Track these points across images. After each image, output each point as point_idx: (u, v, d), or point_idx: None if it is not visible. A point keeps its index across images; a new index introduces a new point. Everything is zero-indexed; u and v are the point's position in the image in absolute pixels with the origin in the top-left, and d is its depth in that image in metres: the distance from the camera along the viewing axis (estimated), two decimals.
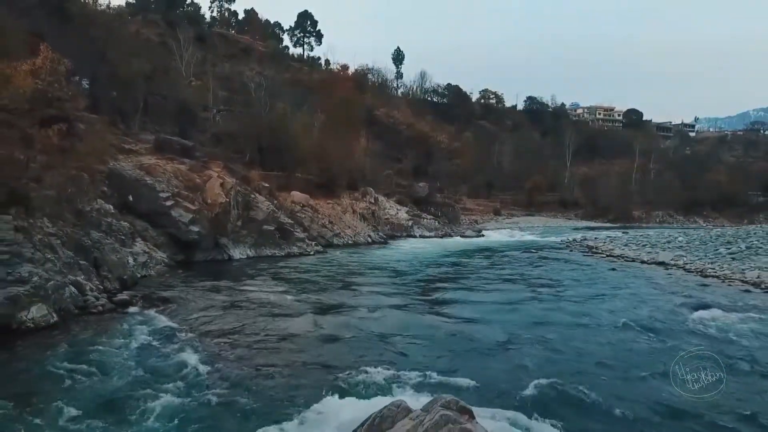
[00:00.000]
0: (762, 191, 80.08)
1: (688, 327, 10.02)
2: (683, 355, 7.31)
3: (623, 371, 7.47)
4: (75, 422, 5.63)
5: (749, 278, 16.19)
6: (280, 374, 7.34)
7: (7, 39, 14.06)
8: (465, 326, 10.45)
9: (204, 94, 45.82)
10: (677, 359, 7.24)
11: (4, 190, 10.60)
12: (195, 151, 24.74)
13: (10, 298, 9.18)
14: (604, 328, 10.03)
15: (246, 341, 9.13)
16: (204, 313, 11.25)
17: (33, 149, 11.03)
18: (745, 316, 10.98)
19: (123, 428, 5.59)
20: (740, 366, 7.80)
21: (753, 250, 22.01)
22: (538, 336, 9.42)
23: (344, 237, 29.63)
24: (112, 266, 12.93)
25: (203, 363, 7.72)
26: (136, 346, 8.60)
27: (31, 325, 9.25)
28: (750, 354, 8.33)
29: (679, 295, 13.97)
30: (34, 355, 8.15)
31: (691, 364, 7.83)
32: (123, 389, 6.82)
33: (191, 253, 20.03)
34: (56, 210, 11.86)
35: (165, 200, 19.73)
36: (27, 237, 10.57)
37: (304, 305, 12.35)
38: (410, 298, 13.74)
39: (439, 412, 4.27)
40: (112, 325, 10.02)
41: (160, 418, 5.88)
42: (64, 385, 6.78)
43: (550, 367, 7.54)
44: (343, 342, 9.19)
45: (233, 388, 6.72)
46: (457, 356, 8.29)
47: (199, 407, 6.10)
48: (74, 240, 11.97)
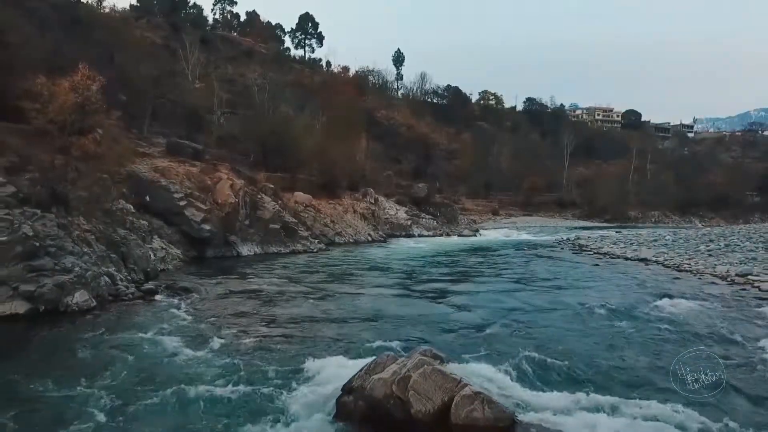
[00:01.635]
0: (758, 191, 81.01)
1: (646, 311, 11.43)
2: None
3: (580, 342, 8.92)
4: (121, 389, 6.95)
5: (718, 272, 17.55)
6: (294, 343, 8.81)
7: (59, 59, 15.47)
8: (452, 310, 11.94)
9: (209, 96, 47.22)
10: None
11: (47, 192, 12.07)
12: (205, 154, 26.19)
13: (58, 284, 10.65)
14: (573, 311, 11.46)
15: (261, 321, 10.57)
16: (221, 300, 12.69)
17: (71, 156, 12.49)
18: (700, 303, 12.38)
19: (164, 390, 6.93)
20: (678, 337, 9.27)
21: (731, 248, 23.37)
22: (514, 317, 10.87)
23: (345, 236, 31.05)
24: (137, 260, 14.37)
25: (226, 337, 9.16)
26: (166, 326, 10.03)
27: (75, 308, 10.71)
28: (689, 329, 9.82)
29: (650, 286, 15.37)
30: (80, 332, 9.57)
31: (643, 338, 9.28)
32: (161, 359, 8.23)
33: (203, 250, 21.51)
34: (89, 209, 13.31)
35: (179, 200, 21.21)
36: (67, 233, 12.03)
37: (310, 293, 13.81)
38: (405, 288, 15.18)
39: (417, 357, 5.72)
40: (143, 309, 11.48)
41: (195, 380, 7.25)
42: (107, 358, 8.15)
43: (516, 338, 9.02)
44: (345, 321, 10.65)
45: (254, 354, 8.15)
46: (442, 331, 9.78)
47: (227, 370, 7.51)
48: (105, 236, 13.41)
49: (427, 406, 5.31)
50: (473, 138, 79.84)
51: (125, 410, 6.19)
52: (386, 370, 5.74)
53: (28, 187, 12.13)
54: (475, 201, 69.76)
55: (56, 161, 12.13)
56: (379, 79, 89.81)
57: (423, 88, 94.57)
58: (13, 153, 13.04)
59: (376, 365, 5.98)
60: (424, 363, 5.61)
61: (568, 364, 7.34)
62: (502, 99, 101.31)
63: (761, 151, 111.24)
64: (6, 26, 19.76)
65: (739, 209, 76.13)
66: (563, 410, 5.74)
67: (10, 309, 10.14)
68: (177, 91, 42.71)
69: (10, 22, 20.36)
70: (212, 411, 6.11)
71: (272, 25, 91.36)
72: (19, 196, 11.78)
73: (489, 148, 78.94)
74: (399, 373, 5.59)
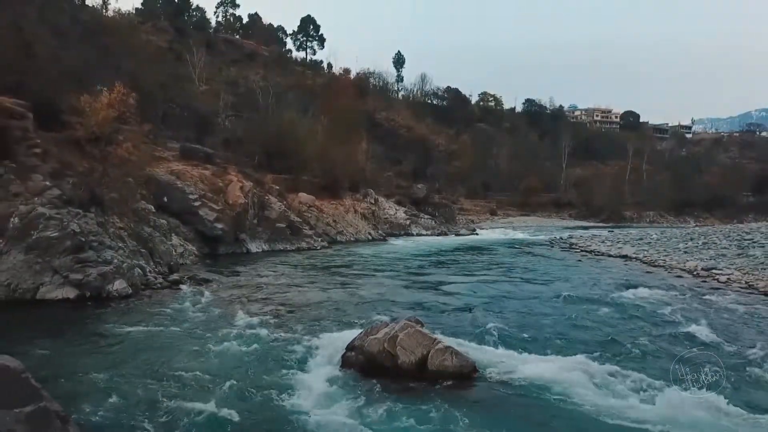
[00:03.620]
0: (753, 192, 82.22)
1: (611, 298, 13.14)
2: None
3: (542, 319, 10.68)
4: (167, 351, 8.62)
5: (687, 267, 19.23)
6: (305, 320, 10.57)
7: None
8: (441, 296, 13.76)
9: (214, 100, 48.74)
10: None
11: (87, 194, 13.81)
12: (216, 158, 27.93)
13: (101, 274, 12.39)
14: (546, 297, 13.21)
15: (276, 304, 12.31)
16: (238, 289, 14.42)
17: (107, 162, 14.23)
18: (658, 291, 14.07)
19: (203, 350, 8.63)
20: (625, 316, 11.01)
21: (707, 246, 25.00)
22: (493, 302, 12.62)
23: (347, 235, 32.75)
24: (162, 255, 16.12)
25: (248, 315, 10.90)
26: (195, 308, 11.76)
27: (115, 295, 12.44)
28: (638, 311, 11.57)
29: (621, 279, 17.05)
30: (123, 313, 11.31)
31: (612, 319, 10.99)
32: (195, 331, 9.92)
33: (215, 247, 23.25)
34: (121, 209, 15.05)
35: (194, 201, 22.95)
36: (104, 230, 13.78)
37: (317, 283, 15.56)
38: (401, 279, 16.90)
39: (403, 322, 7.45)
40: (172, 296, 13.22)
41: (226, 343, 8.92)
42: (150, 332, 9.83)
43: (490, 316, 10.76)
44: (348, 304, 12.44)
45: (273, 327, 9.86)
46: (430, 311, 11.58)
47: (252, 337, 9.23)
48: (135, 233, 15.16)
49: (410, 357, 7.03)
50: (473, 139, 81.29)
51: (174, 365, 7.86)
52: (380, 332, 7.44)
53: (70, 190, 13.87)
54: (473, 201, 71.25)
55: (94, 167, 13.87)
56: (379, 81, 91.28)
57: (423, 89, 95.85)
58: (55, 160, 14.78)
59: (372, 329, 7.71)
60: (409, 326, 7.34)
61: (526, 335, 9.08)
62: (501, 100, 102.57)
63: (759, 151, 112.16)
64: (34, 39, 21.51)
65: (734, 209, 76.81)
66: (516, 363, 7.46)
67: (62, 294, 11.90)
68: (184, 95, 44.23)
69: (37, 35, 22.12)
70: (244, 364, 7.83)
71: (274, 28, 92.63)
72: (63, 198, 13.51)
73: (488, 149, 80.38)
74: (389, 333, 7.29)
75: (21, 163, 13.54)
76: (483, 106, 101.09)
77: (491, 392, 6.76)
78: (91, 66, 24.40)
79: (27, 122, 14.27)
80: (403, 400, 6.36)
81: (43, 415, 3.82)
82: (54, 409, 3.96)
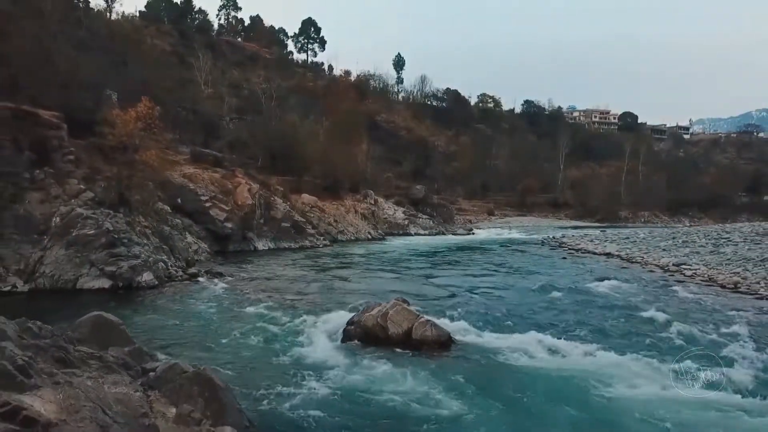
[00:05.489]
0: (747, 192, 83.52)
1: (581, 288, 14.83)
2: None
3: (517, 304, 12.39)
4: (195, 329, 10.29)
5: (661, 263, 20.87)
6: (313, 304, 12.32)
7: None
8: (430, 286, 15.50)
9: (218, 102, 50.28)
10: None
11: (116, 197, 15.52)
12: (224, 162, 29.65)
13: (131, 267, 14.09)
14: (525, 288, 14.92)
15: (286, 292, 14.03)
16: (251, 281, 16.12)
17: (134, 168, 15.96)
18: (627, 283, 15.73)
19: (224, 329, 10.28)
20: (592, 302, 12.70)
21: (685, 244, 26.63)
22: (476, 291, 14.32)
23: (347, 234, 34.42)
24: (180, 251, 17.82)
25: (262, 300, 12.62)
26: (214, 296, 13.47)
27: (144, 285, 14.14)
28: (606, 299, 13.26)
29: (597, 273, 18.71)
30: (153, 301, 13.00)
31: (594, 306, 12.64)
32: (219, 316, 11.60)
33: (225, 245, 24.96)
34: (144, 210, 16.75)
35: (205, 202, 24.68)
36: (132, 228, 15.49)
37: (321, 276, 17.29)
38: (397, 273, 18.61)
39: (393, 302, 9.15)
40: (193, 286, 14.92)
41: (244, 322, 10.59)
42: (179, 316, 11.50)
43: (471, 302, 12.46)
44: (348, 292, 14.20)
45: (284, 310, 11.56)
46: (419, 298, 13.22)
47: (266, 317, 10.92)
48: (158, 231, 16.87)
49: (398, 329, 8.73)
50: (472, 140, 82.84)
51: (205, 339, 9.54)
52: (374, 310, 9.13)
53: (101, 192, 15.59)
54: (471, 201, 72.76)
55: (121, 172, 15.60)
56: (380, 83, 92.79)
57: (423, 91, 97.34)
58: (86, 166, 16.50)
59: (368, 308, 9.41)
60: (397, 305, 9.05)
61: (498, 314, 10.79)
62: (500, 102, 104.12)
63: (756, 152, 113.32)
64: (54, 51, 23.23)
65: (728, 210, 77.67)
66: (485, 335, 9.15)
67: (98, 284, 13.61)
68: (190, 98, 45.73)
69: (57, 47, 23.83)
70: (263, 336, 9.53)
71: (275, 30, 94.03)
72: (96, 200, 15.23)
73: (487, 150, 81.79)
74: (382, 311, 8.98)
75: (58, 168, 15.27)
76: (482, 107, 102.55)
77: (463, 355, 8.44)
78: (105, 73, 26.11)
79: (62, 132, 16.00)
80: (393, 362, 8.03)
81: (138, 352, 5.47)
82: (144, 350, 5.63)
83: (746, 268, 17.55)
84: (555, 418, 6.29)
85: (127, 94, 31.50)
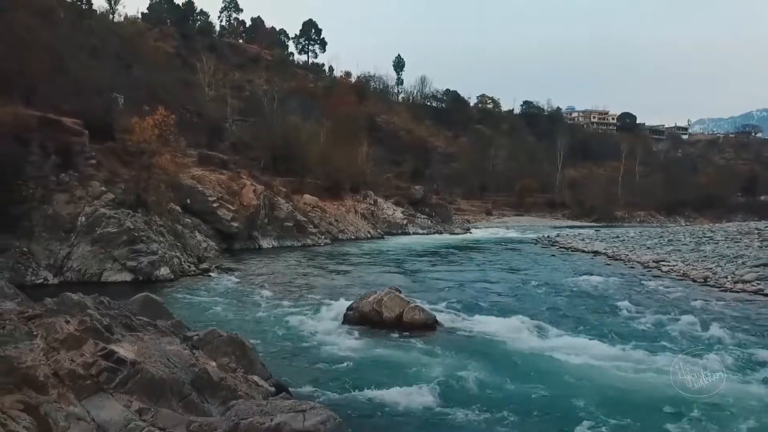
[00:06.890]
0: (743, 192, 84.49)
1: (562, 282, 16.17)
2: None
3: (501, 295, 13.73)
4: (213, 317, 11.64)
5: (643, 261, 22.16)
6: (317, 294, 13.72)
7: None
8: (424, 279, 16.83)
9: (222, 105, 51.35)
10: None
11: (134, 198, 16.88)
12: (230, 164, 30.99)
13: (150, 262, 15.44)
14: (510, 281, 16.28)
15: (291, 285, 15.43)
16: (259, 276, 17.46)
17: (151, 171, 17.31)
18: (608, 278, 17.03)
19: (238, 315, 11.62)
20: (570, 293, 14.04)
21: (670, 243, 27.91)
22: (465, 284, 15.67)
23: (347, 233, 35.71)
24: (192, 248, 19.17)
25: (271, 292, 13.99)
26: (227, 289, 14.82)
27: (162, 279, 15.49)
28: (583, 290, 14.61)
29: (581, 269, 20.03)
30: (173, 292, 14.33)
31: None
32: (233, 305, 12.93)
33: (231, 243, 26.29)
34: (159, 210, 18.10)
35: (212, 203, 26.01)
36: (149, 227, 16.83)
37: (323, 271, 18.68)
38: (393, 268, 20.00)
39: (386, 290, 10.52)
40: (206, 280, 16.28)
41: (257, 310, 11.94)
42: (199, 306, 12.86)
43: (459, 293, 13.82)
44: (349, 284, 15.62)
45: (291, 299, 12.94)
46: (413, 290, 14.56)
47: (275, 304, 12.26)
48: (172, 229, 18.21)
49: (391, 313, 10.09)
50: (471, 141, 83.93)
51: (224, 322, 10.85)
52: (370, 297, 10.48)
53: (120, 194, 16.93)
54: (470, 202, 73.81)
55: (139, 175, 16.96)
56: (379, 84, 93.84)
57: (422, 92, 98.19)
58: (105, 169, 17.85)
59: (365, 296, 10.78)
60: (390, 292, 10.43)
61: (481, 303, 12.13)
62: (499, 102, 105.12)
63: (754, 152, 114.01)
64: (66, 55, 24.57)
65: (724, 209, 78.33)
66: (468, 319, 10.49)
67: (121, 278, 14.97)
68: (194, 101, 46.76)
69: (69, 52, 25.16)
70: (273, 321, 10.87)
71: (276, 31, 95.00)
72: (116, 201, 16.56)
73: (486, 151, 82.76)
74: (377, 298, 10.34)
75: (81, 172, 16.60)
76: (481, 108, 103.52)
77: (447, 336, 9.79)
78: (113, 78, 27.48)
79: (84, 138, 17.35)
80: (385, 339, 9.38)
81: (179, 324, 6.80)
82: (183, 323, 6.96)
83: (719, 264, 18.85)
84: (521, 381, 7.59)
85: (133, 98, 32.96)
